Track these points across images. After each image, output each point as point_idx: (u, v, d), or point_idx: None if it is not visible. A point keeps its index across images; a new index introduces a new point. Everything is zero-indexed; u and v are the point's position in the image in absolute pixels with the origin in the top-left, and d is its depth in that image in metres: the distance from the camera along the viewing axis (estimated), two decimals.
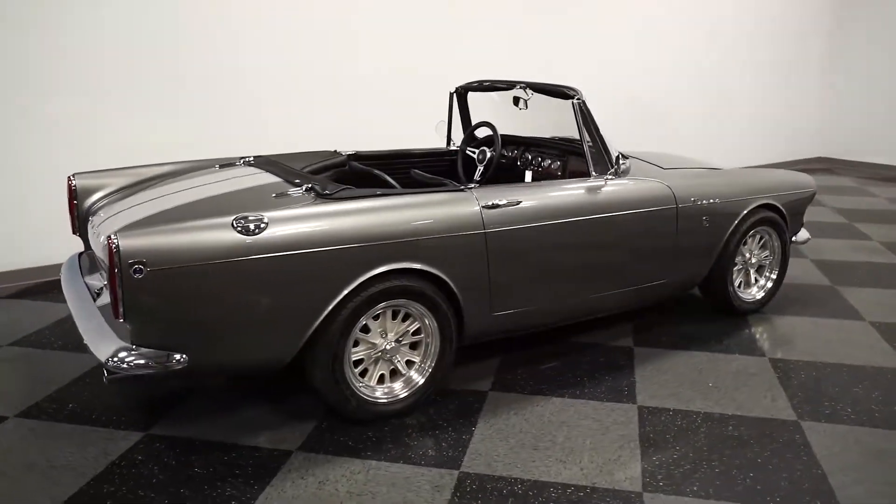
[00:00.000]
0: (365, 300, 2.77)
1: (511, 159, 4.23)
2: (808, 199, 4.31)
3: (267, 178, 3.15)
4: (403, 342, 3.00)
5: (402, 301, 2.89)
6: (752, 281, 4.17)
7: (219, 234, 2.49)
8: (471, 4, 6.16)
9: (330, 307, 2.69)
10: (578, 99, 3.43)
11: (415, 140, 4.89)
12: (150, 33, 4.73)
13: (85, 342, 2.55)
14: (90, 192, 3.36)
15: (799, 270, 4.97)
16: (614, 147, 3.62)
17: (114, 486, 2.52)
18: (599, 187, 3.41)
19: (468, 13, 6.17)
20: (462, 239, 2.96)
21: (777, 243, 4.15)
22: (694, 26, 7.88)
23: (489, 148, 3.73)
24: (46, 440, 2.81)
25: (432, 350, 3.03)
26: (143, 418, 2.95)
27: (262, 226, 2.56)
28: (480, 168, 3.90)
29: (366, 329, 2.88)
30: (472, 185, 3.13)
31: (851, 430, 2.90)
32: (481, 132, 4.30)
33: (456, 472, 2.61)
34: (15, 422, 2.94)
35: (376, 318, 2.90)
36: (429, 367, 3.04)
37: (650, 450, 2.75)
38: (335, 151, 4.08)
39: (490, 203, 3.04)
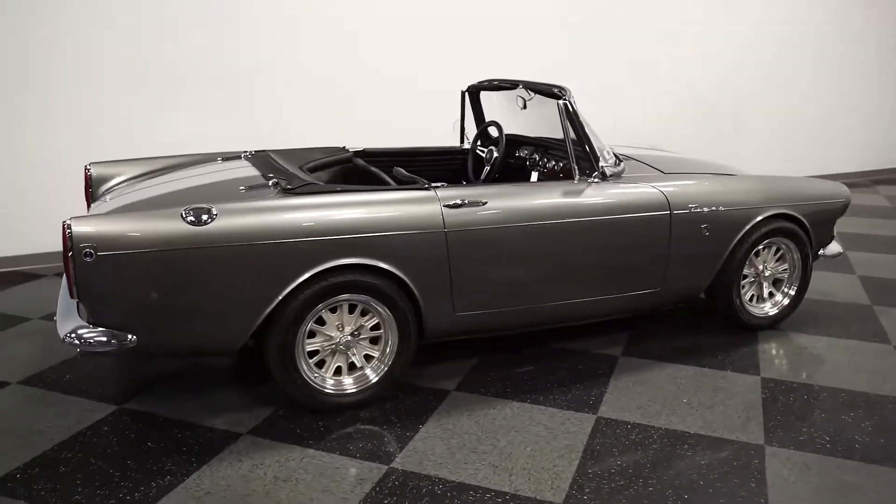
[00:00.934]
0: (316, 293, 2.85)
1: (520, 160, 4.18)
2: (839, 211, 4.00)
3: (249, 172, 3.29)
4: (362, 337, 3.05)
5: (360, 296, 2.94)
6: (767, 295, 3.92)
7: (168, 224, 2.64)
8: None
9: (278, 298, 2.78)
10: (564, 99, 3.36)
11: (445, 138, 4.91)
12: (189, 33, 5.03)
13: (55, 318, 2.78)
14: (104, 180, 3.62)
15: (840, 286, 4.62)
16: (607, 149, 3.52)
17: (72, 452, 2.72)
18: (580, 191, 3.33)
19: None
20: (421, 237, 2.97)
21: (796, 256, 3.88)
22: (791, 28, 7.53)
23: (496, 147, 3.72)
24: (35, 406, 3.07)
25: (390, 346, 3.07)
26: (124, 393, 3.17)
27: (211, 217, 2.69)
28: (487, 168, 3.90)
29: (322, 321, 2.96)
30: (440, 185, 3.14)
31: (819, 460, 2.69)
32: (496, 131, 4.27)
33: (385, 468, 2.64)
34: (15, 388, 3.23)
35: (334, 310, 2.97)
36: (386, 363, 3.08)
37: (589, 462, 2.67)
38: (343, 148, 4.19)
39: (452, 203, 3.04)
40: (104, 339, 2.63)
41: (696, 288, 3.69)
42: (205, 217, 2.68)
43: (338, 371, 3.05)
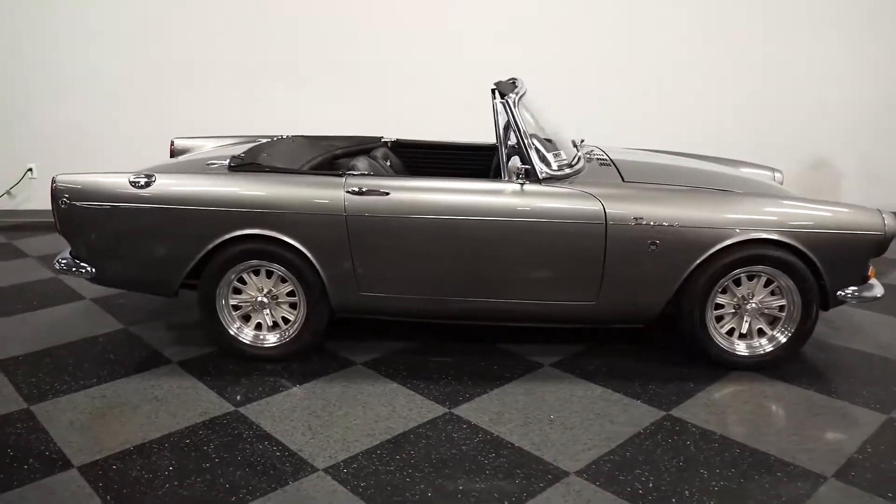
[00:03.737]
0: (232, 256, 3.37)
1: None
2: (869, 245, 3.29)
3: (236, 151, 3.88)
4: (280, 301, 3.49)
5: (273, 265, 3.38)
6: (756, 332, 3.41)
7: (118, 185, 3.38)
8: None
9: (198, 256, 3.36)
10: (503, 100, 3.36)
11: None
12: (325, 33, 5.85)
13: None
14: (182, 152, 4.55)
15: (889, 336, 3.76)
16: (553, 152, 3.43)
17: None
18: (498, 191, 3.31)
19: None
20: (323, 219, 3.30)
21: (794, 293, 3.31)
22: None
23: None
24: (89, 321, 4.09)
25: (301, 312, 3.46)
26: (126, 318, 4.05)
27: (150, 182, 3.36)
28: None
29: (244, 281, 3.46)
30: (356, 173, 3.42)
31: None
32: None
33: (231, 408, 3.07)
34: (86, 303, 4.31)
35: (257, 273, 3.45)
36: (297, 327, 3.47)
37: (360, 448, 2.79)
38: (380, 138, 4.61)
39: (354, 190, 3.30)
40: (72, 268, 3.48)
41: (645, 308, 3.38)
42: (144, 181, 3.36)
43: (258, 327, 3.53)
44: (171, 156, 4.54)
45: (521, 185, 3.31)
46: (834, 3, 5.93)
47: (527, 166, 3.30)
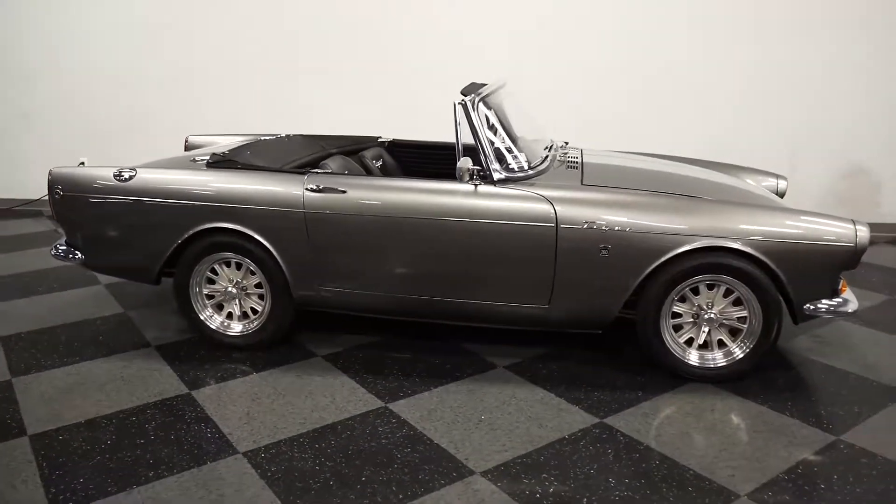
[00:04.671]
0: (204, 247, 3.56)
1: None
2: (838, 258, 3.11)
3: (223, 148, 4.07)
4: (250, 292, 3.66)
5: (244, 259, 3.55)
6: (716, 343, 3.30)
7: (102, 178, 3.63)
8: None
9: (172, 247, 3.57)
10: (462, 101, 3.39)
11: None
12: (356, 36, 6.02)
13: None
14: (195, 147, 4.83)
15: (878, 356, 3.51)
16: (514, 154, 3.43)
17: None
18: (451, 191, 3.34)
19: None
20: (284, 214, 3.44)
21: (755, 304, 3.18)
22: None
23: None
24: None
25: (267, 304, 3.62)
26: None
27: (131, 176, 3.60)
28: None
29: (216, 272, 3.66)
30: (319, 171, 3.54)
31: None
32: None
33: (186, 391, 3.25)
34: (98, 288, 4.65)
35: (229, 265, 3.64)
36: (263, 317, 3.63)
37: (329, 436, 2.90)
38: (377, 138, 4.73)
39: (312, 187, 3.42)
40: (66, 254, 3.77)
41: (599, 314, 3.33)
42: (126, 175, 3.60)
43: (229, 316, 3.71)
44: (185, 149, 4.82)
45: (476, 186, 3.33)
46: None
47: (477, 168, 3.31)
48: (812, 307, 3.18)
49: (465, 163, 3.27)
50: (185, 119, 6.28)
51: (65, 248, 3.80)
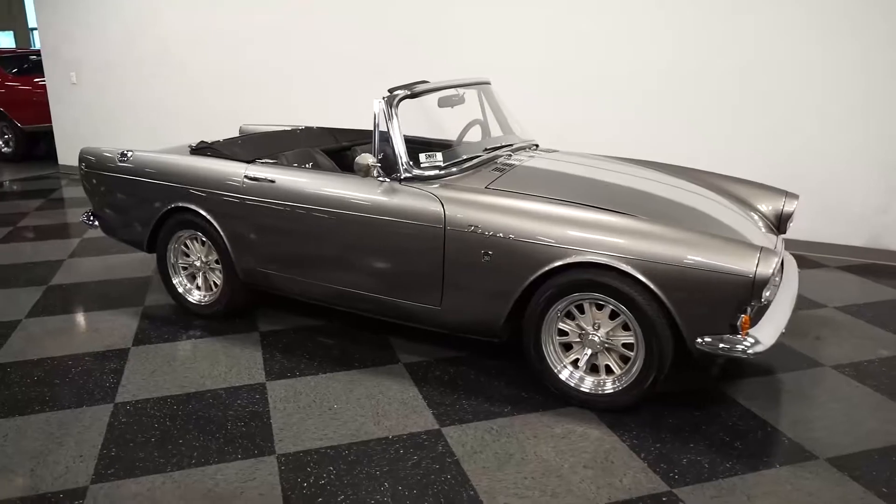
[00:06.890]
0: (176, 223, 4.03)
1: None
2: (731, 288, 2.69)
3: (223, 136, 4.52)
4: (213, 267, 4.06)
5: (201, 234, 3.97)
6: (602, 368, 3.03)
7: (110, 158, 4.25)
8: None
9: (153, 222, 4.09)
10: (380, 101, 3.45)
11: None
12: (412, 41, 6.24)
13: None
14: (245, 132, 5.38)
15: (838, 393, 2.89)
16: (429, 153, 3.43)
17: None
18: (355, 186, 3.43)
19: None
20: (227, 198, 3.78)
21: (637, 328, 2.88)
22: None
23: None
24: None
25: (222, 279, 3.99)
26: None
27: (127, 158, 4.17)
28: None
29: (188, 246, 4.11)
30: (263, 161, 3.82)
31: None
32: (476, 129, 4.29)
33: (129, 347, 3.73)
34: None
35: (196, 241, 4.07)
36: (218, 292, 4.02)
37: (261, 423, 3.19)
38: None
39: (249, 175, 3.70)
40: (88, 221, 4.47)
41: (486, 322, 3.21)
42: (125, 156, 4.18)
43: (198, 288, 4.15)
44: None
45: (381, 182, 3.39)
46: None
47: (378, 165, 3.37)
48: (702, 342, 2.79)
49: (363, 158, 3.34)
50: (280, 114, 6.96)
51: (86, 215, 4.51)
